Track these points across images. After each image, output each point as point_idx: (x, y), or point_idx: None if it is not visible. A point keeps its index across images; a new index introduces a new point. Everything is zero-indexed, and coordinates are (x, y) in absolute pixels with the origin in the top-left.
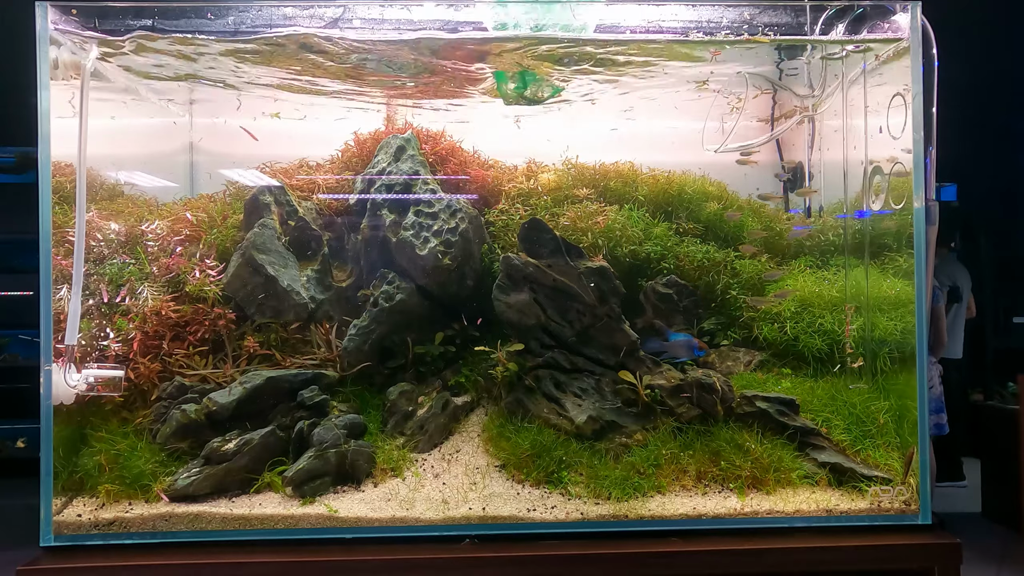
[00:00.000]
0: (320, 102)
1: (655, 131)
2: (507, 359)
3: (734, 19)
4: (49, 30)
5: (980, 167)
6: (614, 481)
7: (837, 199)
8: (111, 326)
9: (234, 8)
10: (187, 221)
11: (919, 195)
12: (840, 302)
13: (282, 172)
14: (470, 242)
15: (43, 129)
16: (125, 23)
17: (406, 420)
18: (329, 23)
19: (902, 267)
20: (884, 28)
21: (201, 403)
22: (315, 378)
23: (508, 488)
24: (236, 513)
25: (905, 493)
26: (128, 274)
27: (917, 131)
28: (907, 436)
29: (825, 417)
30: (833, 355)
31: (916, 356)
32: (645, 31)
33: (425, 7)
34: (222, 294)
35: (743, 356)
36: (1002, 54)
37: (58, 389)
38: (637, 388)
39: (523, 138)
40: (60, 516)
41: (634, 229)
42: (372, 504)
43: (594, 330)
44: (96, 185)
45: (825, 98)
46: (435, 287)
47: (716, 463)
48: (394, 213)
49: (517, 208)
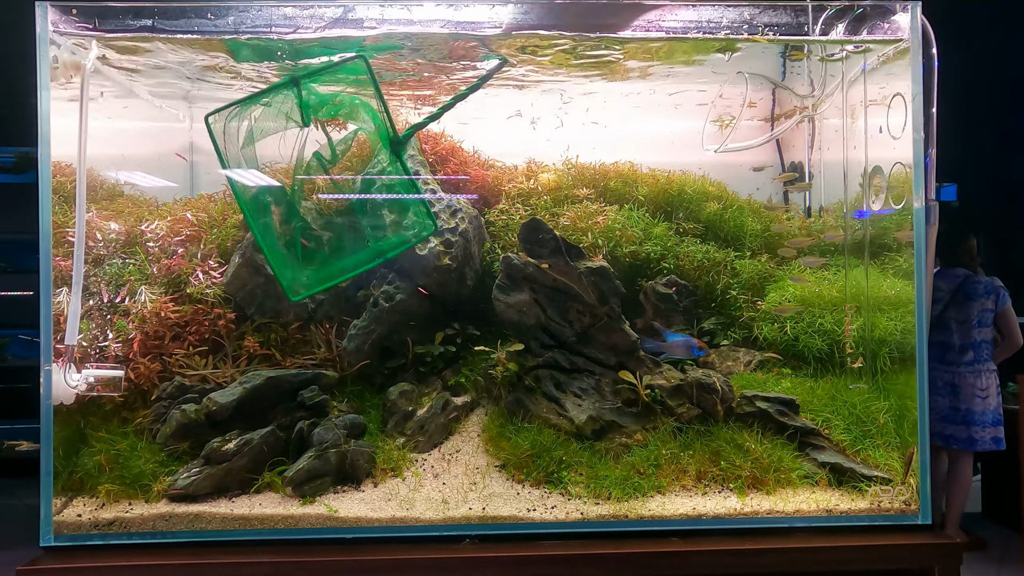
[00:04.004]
0: None
1: (655, 131)
2: (507, 359)
3: (734, 19)
4: (49, 30)
5: (980, 167)
6: (614, 481)
7: (837, 199)
8: (111, 326)
9: (234, 8)
10: (187, 221)
11: (919, 195)
12: (840, 302)
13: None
14: (470, 242)
15: (43, 129)
16: (125, 22)
17: (406, 420)
18: (330, 23)
19: (902, 267)
20: (884, 28)
21: (201, 403)
22: (315, 378)
23: (508, 488)
24: (236, 513)
25: (905, 493)
26: (128, 274)
27: (917, 131)
28: (907, 436)
29: (825, 417)
30: (833, 355)
31: (916, 356)
32: (645, 30)
33: (425, 7)
34: (223, 294)
35: (743, 356)
36: (1002, 54)
37: (58, 389)
38: (637, 388)
39: (522, 138)
40: (60, 516)
41: (634, 229)
42: (372, 504)
43: (594, 330)
44: (96, 185)
45: (825, 98)
46: (435, 287)
47: (716, 463)
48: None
49: (517, 208)
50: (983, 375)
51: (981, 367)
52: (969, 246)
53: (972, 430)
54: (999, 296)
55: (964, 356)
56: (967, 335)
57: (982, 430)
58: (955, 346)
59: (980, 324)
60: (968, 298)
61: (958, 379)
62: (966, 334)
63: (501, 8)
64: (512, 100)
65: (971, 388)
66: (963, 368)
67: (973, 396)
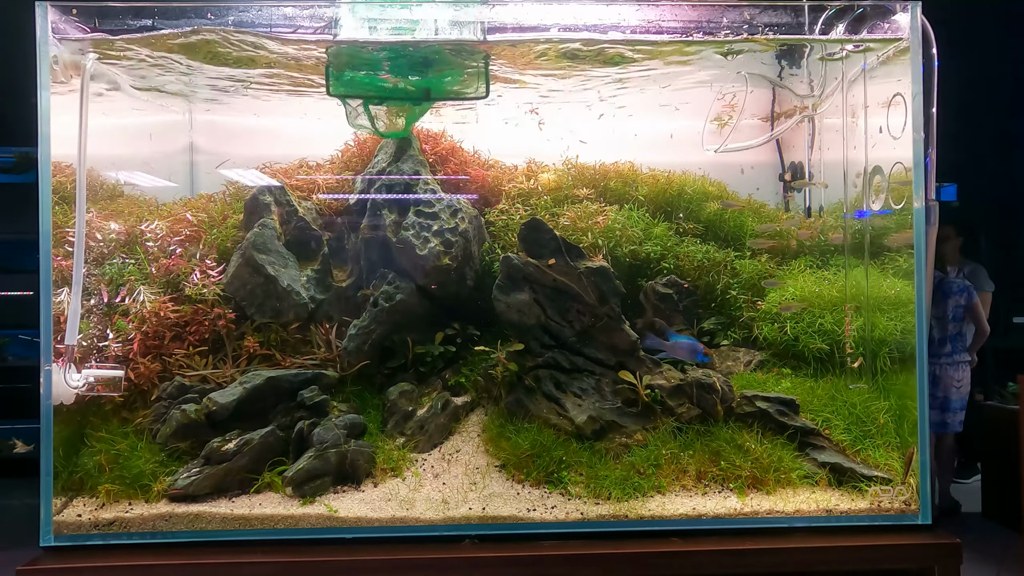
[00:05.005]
0: (322, 101)
1: (655, 131)
2: (507, 359)
3: (734, 19)
4: (49, 30)
5: (980, 167)
6: (614, 481)
7: (837, 199)
8: (111, 326)
9: (234, 8)
10: (187, 221)
11: (919, 195)
12: (840, 302)
13: (282, 172)
14: (470, 242)
15: (43, 129)
16: (125, 22)
17: (406, 420)
18: (329, 23)
19: (902, 267)
20: (884, 28)
21: (201, 403)
22: (315, 378)
23: (508, 488)
24: (236, 513)
25: (905, 493)
26: (128, 274)
27: (917, 131)
28: (907, 436)
29: (825, 417)
30: (833, 355)
31: (916, 356)
32: (645, 30)
33: (425, 7)
34: (222, 294)
35: (743, 356)
36: (1002, 54)
37: (58, 389)
38: (637, 388)
39: (523, 138)
40: (60, 516)
41: (634, 229)
42: (372, 504)
43: (594, 330)
44: (96, 185)
45: (825, 98)
46: (435, 287)
47: (716, 463)
48: (394, 213)
49: (517, 208)
50: (959, 367)
51: (958, 359)
52: (942, 251)
53: (946, 415)
54: (969, 294)
55: (943, 349)
56: (944, 330)
57: (954, 415)
58: (935, 340)
59: (954, 319)
60: (944, 296)
61: (939, 371)
62: (943, 328)
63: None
64: (513, 100)
65: (950, 379)
66: (943, 360)
67: (951, 386)
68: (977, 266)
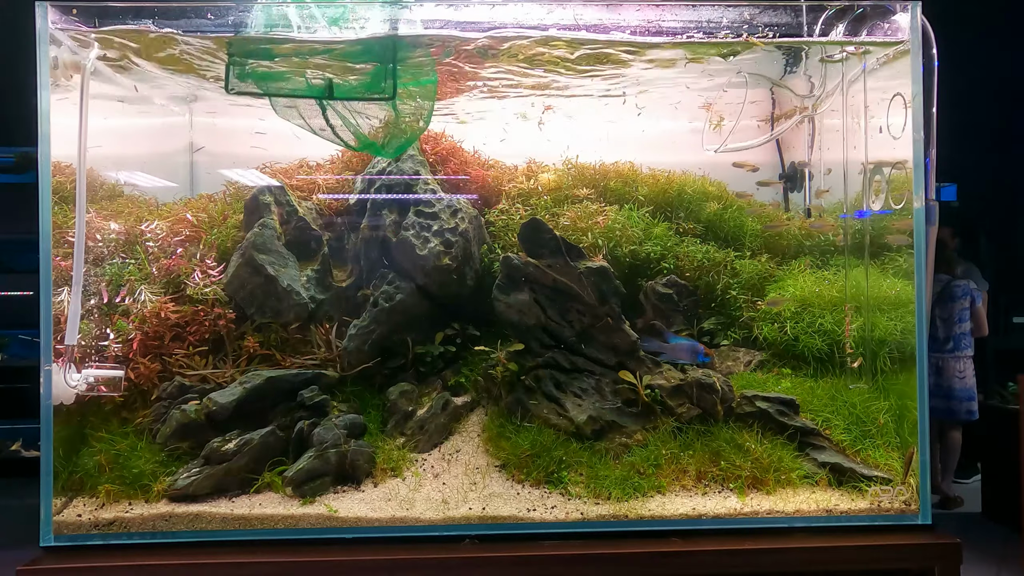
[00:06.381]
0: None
1: (656, 131)
2: (507, 359)
3: (734, 19)
4: (49, 30)
5: (980, 167)
6: (614, 481)
7: (837, 199)
8: (111, 326)
9: (234, 8)
10: (187, 221)
11: (919, 195)
12: (840, 302)
13: (282, 172)
14: (470, 242)
15: (43, 129)
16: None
17: (406, 420)
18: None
19: (902, 267)
20: (884, 28)
21: (201, 403)
22: (315, 378)
23: (508, 488)
24: (236, 513)
25: (905, 493)
26: (128, 274)
27: (917, 131)
28: (907, 436)
29: (825, 417)
30: (833, 355)
31: (916, 356)
32: (646, 31)
33: (425, 7)
34: (223, 294)
35: (743, 356)
36: (1002, 54)
37: (58, 389)
38: (637, 388)
39: (523, 138)
40: (60, 516)
41: (634, 229)
42: (372, 504)
43: (594, 330)
44: (96, 185)
45: (824, 98)
46: (435, 287)
47: (716, 463)
48: (394, 213)
49: (517, 208)
50: (962, 360)
51: (960, 354)
52: (945, 254)
53: (951, 403)
54: (974, 298)
55: (947, 345)
56: (950, 329)
57: (959, 404)
58: (940, 338)
59: (960, 320)
60: (951, 299)
61: (942, 363)
62: (949, 328)
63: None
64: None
65: (952, 370)
66: (946, 354)
67: (953, 376)
68: (971, 266)
